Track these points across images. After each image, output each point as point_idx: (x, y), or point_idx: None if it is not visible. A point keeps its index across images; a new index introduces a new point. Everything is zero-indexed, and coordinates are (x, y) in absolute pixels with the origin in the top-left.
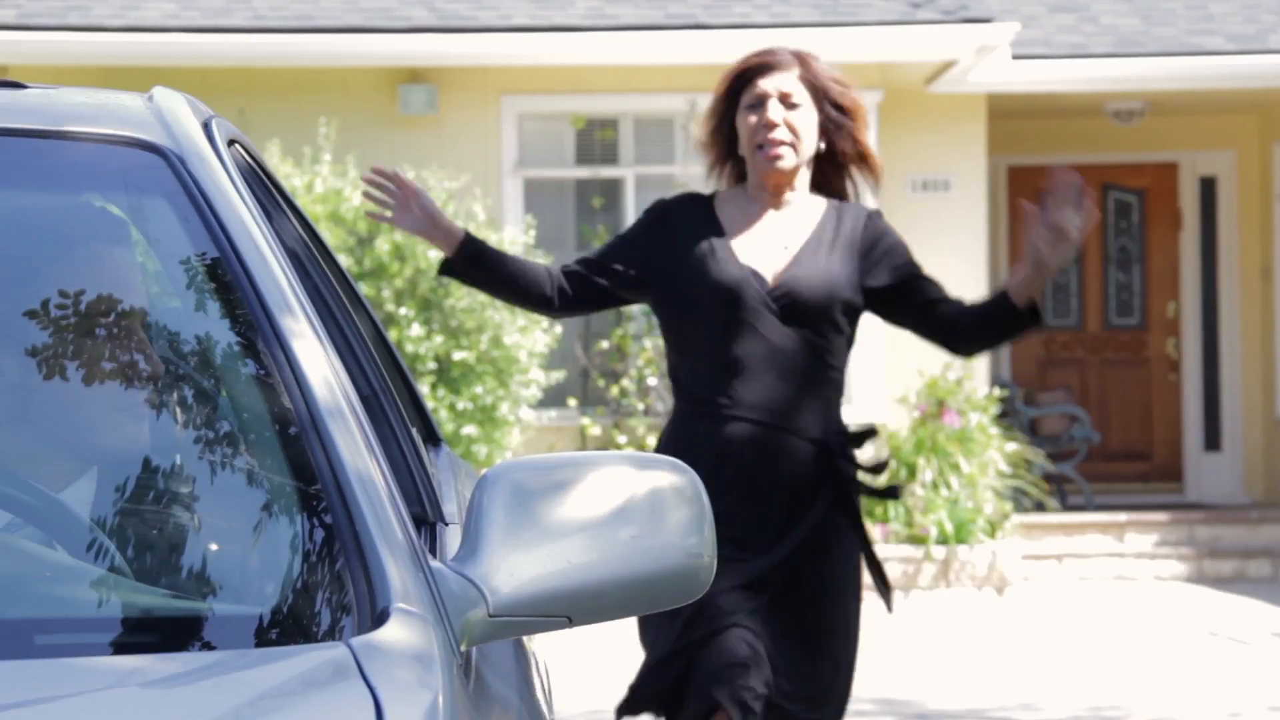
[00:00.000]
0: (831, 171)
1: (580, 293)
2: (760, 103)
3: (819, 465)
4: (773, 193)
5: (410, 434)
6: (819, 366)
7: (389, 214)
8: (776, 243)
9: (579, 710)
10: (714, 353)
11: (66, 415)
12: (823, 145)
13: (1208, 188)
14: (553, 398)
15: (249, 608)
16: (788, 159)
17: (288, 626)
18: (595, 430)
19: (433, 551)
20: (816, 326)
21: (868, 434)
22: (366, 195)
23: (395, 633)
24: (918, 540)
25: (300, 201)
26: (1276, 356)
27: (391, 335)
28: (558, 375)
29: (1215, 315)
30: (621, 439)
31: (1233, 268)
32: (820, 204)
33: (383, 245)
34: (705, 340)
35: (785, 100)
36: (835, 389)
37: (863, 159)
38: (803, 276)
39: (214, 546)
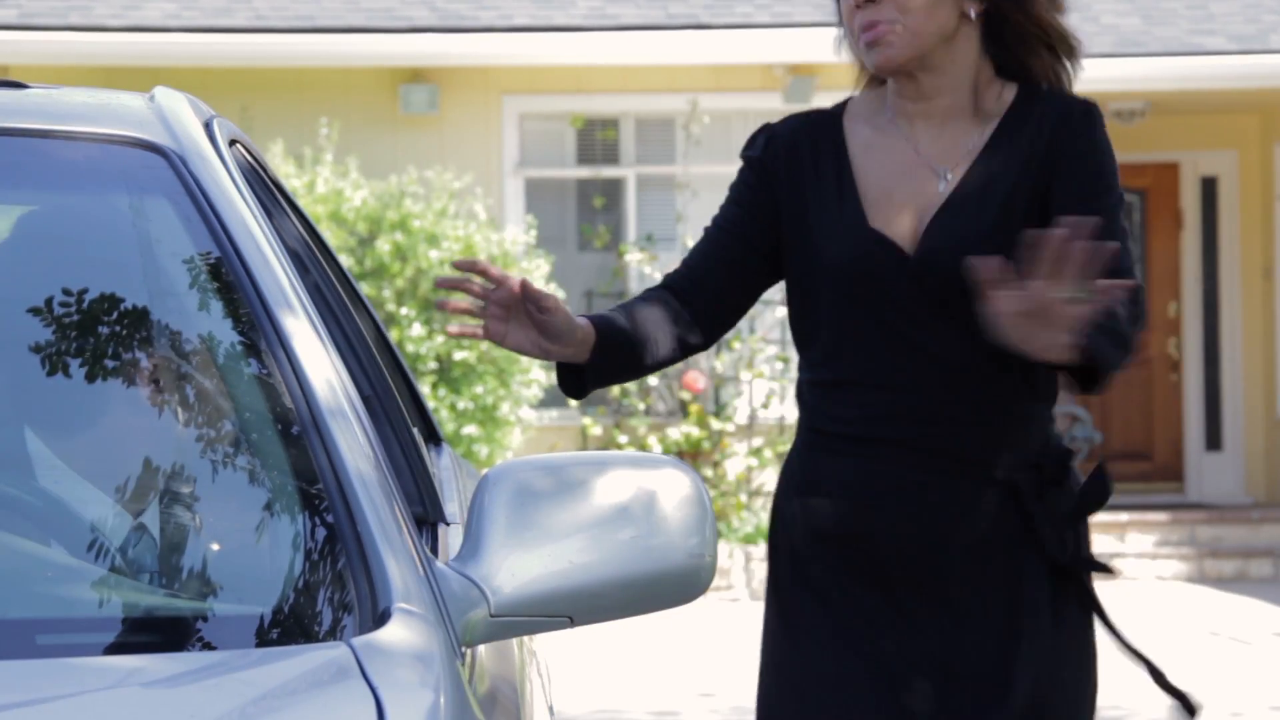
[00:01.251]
0: (1016, 45)
1: (716, 306)
2: None
3: (1011, 523)
4: (911, 96)
5: (411, 434)
6: (996, 369)
7: (480, 330)
8: (926, 179)
9: (583, 710)
10: (842, 358)
11: (68, 415)
12: (975, 7)
13: (1209, 188)
14: (554, 397)
15: (250, 607)
16: (892, 45)
17: (289, 626)
18: (596, 430)
19: (434, 551)
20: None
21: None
22: (445, 307)
23: (396, 633)
24: None
25: (302, 201)
26: (1277, 356)
27: (392, 335)
28: None
29: (1216, 315)
30: (622, 439)
31: (1234, 268)
32: (1005, 98)
33: (384, 245)
34: (829, 341)
35: None
36: (1027, 401)
37: (1041, 26)
38: (954, 233)
39: (215, 546)
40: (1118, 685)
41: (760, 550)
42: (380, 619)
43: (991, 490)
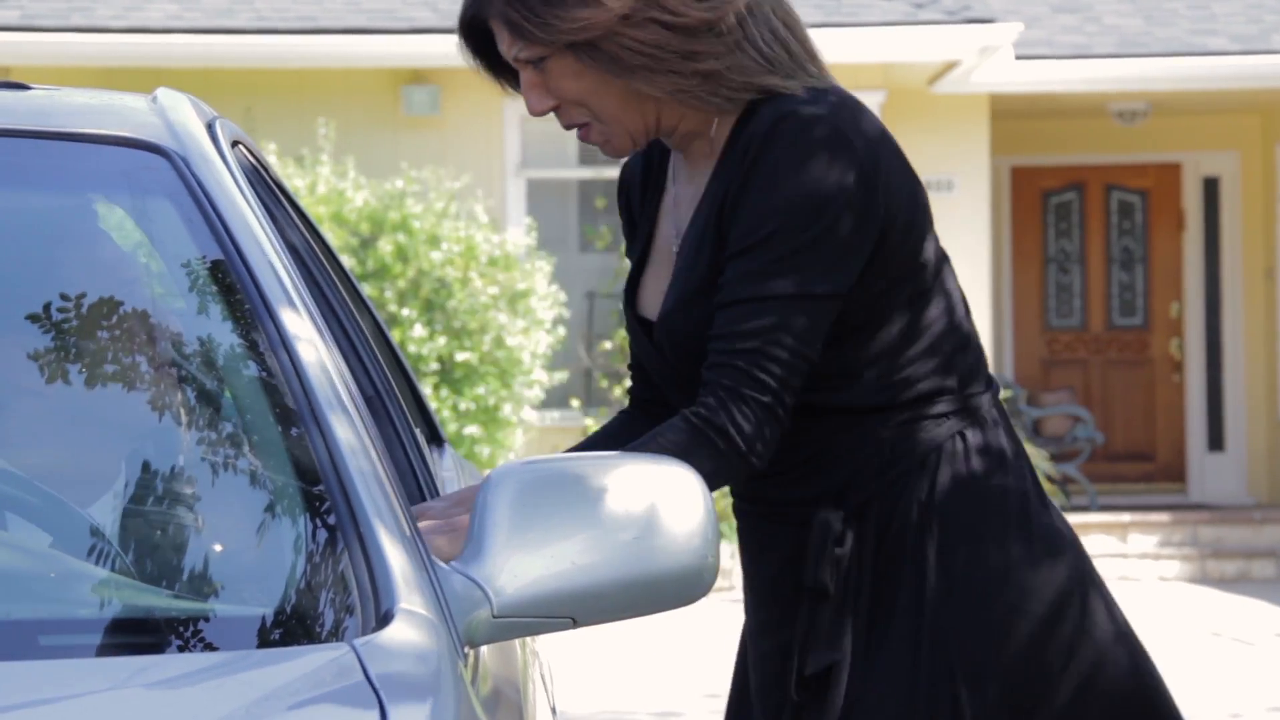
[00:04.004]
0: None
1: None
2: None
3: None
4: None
5: (414, 434)
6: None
7: None
8: (671, 241)
9: (586, 711)
10: None
11: (70, 417)
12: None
13: (1211, 188)
14: (555, 398)
15: (252, 608)
16: (609, 143)
17: (291, 627)
18: None
19: None
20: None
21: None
22: None
23: (399, 633)
24: None
25: (303, 202)
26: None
27: (394, 336)
28: (560, 376)
29: (1218, 316)
30: None
31: (1236, 268)
32: (725, 126)
33: (385, 246)
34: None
35: (523, 65)
36: (817, 439)
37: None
38: (673, 305)
39: (217, 547)
40: None
41: None
42: (383, 620)
43: (792, 530)
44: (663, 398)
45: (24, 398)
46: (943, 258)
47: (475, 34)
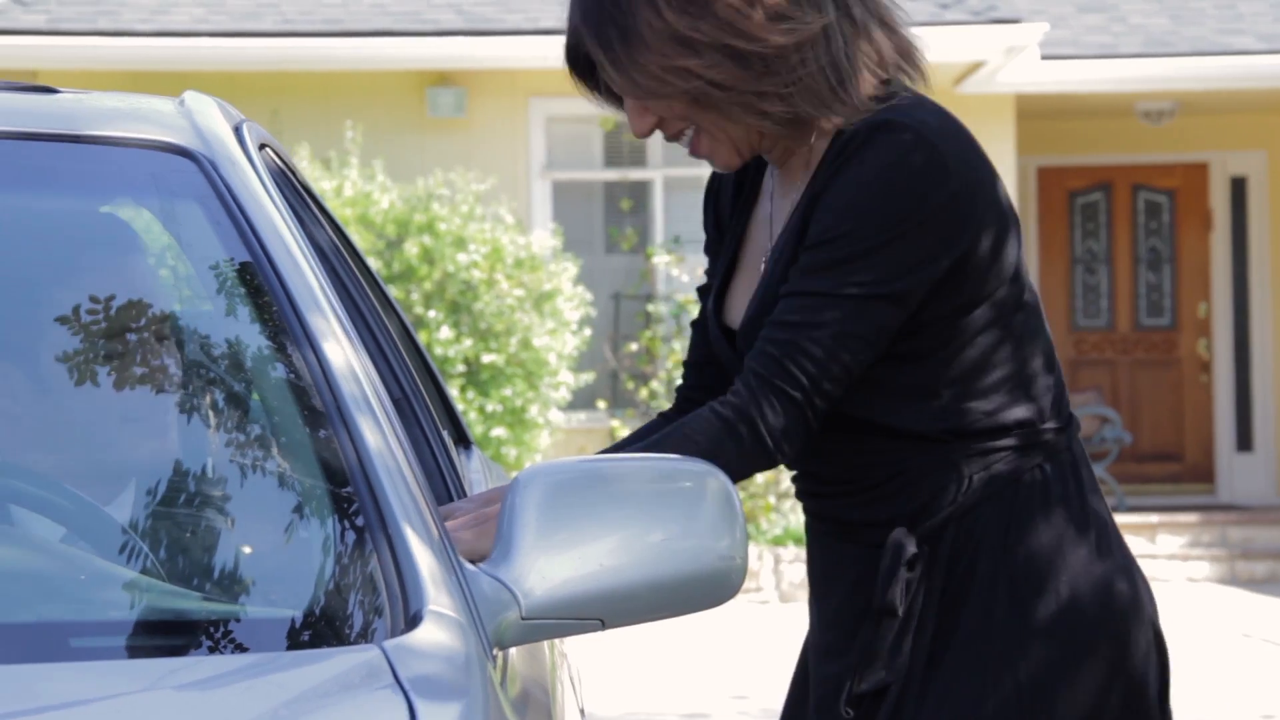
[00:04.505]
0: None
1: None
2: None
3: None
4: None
5: (441, 436)
6: (850, 437)
7: None
8: (761, 255)
9: (615, 713)
10: None
11: (100, 420)
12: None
13: (1238, 188)
14: (582, 400)
15: (281, 610)
16: (719, 155)
17: (320, 629)
18: (625, 432)
19: None
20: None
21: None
22: None
23: (428, 635)
24: None
25: (330, 204)
26: None
27: (421, 338)
28: (587, 377)
29: (1247, 315)
30: None
31: (1264, 268)
32: (820, 146)
33: (411, 248)
34: None
35: (625, 99)
36: (901, 458)
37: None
38: (752, 325)
39: (247, 549)
40: None
41: (789, 552)
42: (412, 621)
43: (863, 552)
44: (708, 399)
45: (51, 399)
46: (1031, 289)
47: (579, 61)
